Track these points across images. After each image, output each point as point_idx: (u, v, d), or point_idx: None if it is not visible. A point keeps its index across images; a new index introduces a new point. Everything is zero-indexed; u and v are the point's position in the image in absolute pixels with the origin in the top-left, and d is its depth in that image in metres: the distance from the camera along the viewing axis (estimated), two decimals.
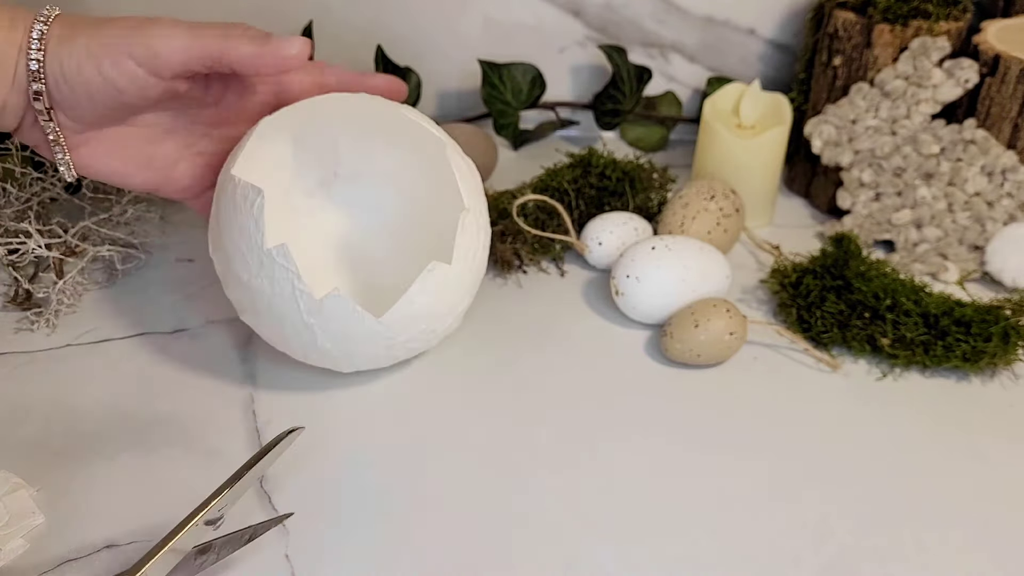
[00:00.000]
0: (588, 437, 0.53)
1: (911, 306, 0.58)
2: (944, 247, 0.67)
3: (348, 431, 0.53)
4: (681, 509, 0.49)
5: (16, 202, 0.64)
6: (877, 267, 0.61)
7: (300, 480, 0.49)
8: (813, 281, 0.60)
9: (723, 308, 0.57)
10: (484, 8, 0.78)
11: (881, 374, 0.58)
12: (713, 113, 0.70)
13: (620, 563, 0.46)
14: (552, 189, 0.68)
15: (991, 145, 0.65)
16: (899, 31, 0.66)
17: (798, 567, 0.46)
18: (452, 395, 0.55)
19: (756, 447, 0.52)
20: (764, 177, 0.69)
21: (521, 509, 0.48)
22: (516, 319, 0.61)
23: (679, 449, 0.52)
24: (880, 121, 0.68)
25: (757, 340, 0.60)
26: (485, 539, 0.47)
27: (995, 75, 0.65)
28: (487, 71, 0.78)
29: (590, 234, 0.65)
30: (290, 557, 0.45)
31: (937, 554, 0.47)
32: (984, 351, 0.56)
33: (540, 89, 0.79)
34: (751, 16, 0.78)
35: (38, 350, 0.57)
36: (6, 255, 0.61)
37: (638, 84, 0.79)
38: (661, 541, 0.47)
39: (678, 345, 0.57)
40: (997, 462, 0.52)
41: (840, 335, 0.59)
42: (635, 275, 0.59)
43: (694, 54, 0.80)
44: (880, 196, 0.68)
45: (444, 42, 0.79)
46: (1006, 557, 0.47)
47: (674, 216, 0.64)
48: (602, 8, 0.78)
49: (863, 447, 0.53)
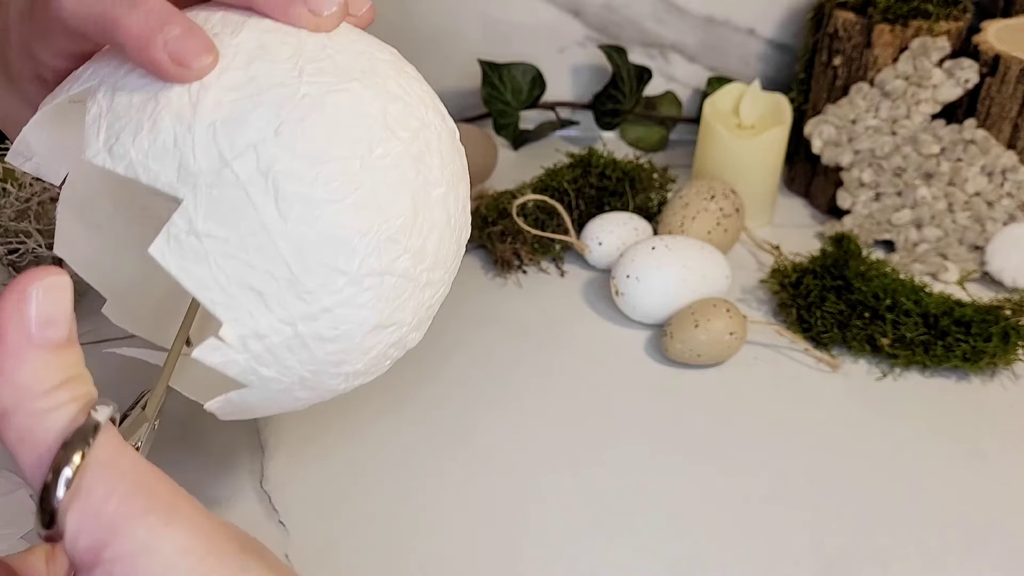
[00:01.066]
0: (588, 437, 0.53)
1: (911, 306, 0.58)
2: (944, 247, 0.67)
3: (348, 431, 0.53)
4: (681, 509, 0.49)
5: (16, 202, 0.64)
6: (877, 267, 0.61)
7: (300, 480, 0.49)
8: (813, 281, 0.60)
9: (723, 308, 0.57)
10: (484, 8, 0.78)
11: (881, 374, 0.58)
12: (713, 113, 0.70)
13: (620, 563, 0.46)
14: (552, 189, 0.68)
15: (991, 145, 0.65)
16: (899, 31, 0.66)
17: (798, 567, 0.46)
18: (452, 395, 0.55)
19: (756, 447, 0.52)
20: (764, 177, 0.69)
21: (521, 509, 0.48)
22: (516, 319, 0.61)
23: (678, 449, 0.52)
24: (880, 121, 0.68)
25: (757, 340, 0.60)
26: (485, 539, 0.47)
27: (995, 75, 0.65)
28: (487, 71, 0.78)
29: (590, 234, 0.65)
30: (290, 557, 0.45)
31: (937, 554, 0.47)
32: (984, 351, 0.56)
33: (540, 89, 0.79)
34: (751, 16, 0.78)
35: None
36: (6, 255, 0.61)
37: (638, 84, 0.79)
38: (661, 541, 0.47)
39: (678, 345, 0.57)
40: (997, 462, 0.52)
41: (840, 335, 0.59)
42: (635, 275, 0.59)
43: (694, 54, 0.80)
44: (880, 196, 0.68)
45: (444, 42, 0.79)
46: (1006, 557, 0.47)
47: (674, 216, 0.64)
48: (602, 8, 0.78)
49: (863, 447, 0.53)
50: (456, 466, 0.51)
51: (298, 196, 0.31)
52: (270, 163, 0.31)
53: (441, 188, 0.35)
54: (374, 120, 0.33)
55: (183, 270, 0.31)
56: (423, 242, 0.34)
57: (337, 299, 0.32)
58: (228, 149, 0.31)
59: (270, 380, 0.33)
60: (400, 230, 0.33)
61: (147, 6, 0.32)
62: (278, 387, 0.34)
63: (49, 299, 0.25)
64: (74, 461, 0.23)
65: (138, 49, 0.31)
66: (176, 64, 0.31)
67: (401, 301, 0.35)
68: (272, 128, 0.31)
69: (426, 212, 0.34)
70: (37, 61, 0.37)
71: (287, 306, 0.32)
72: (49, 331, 0.25)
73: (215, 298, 0.31)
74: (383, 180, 0.33)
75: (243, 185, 0.31)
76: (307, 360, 0.33)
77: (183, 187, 0.31)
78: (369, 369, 0.36)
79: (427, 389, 0.56)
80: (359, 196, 0.32)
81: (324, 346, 0.33)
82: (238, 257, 0.31)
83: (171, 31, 0.31)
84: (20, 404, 0.24)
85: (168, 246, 0.31)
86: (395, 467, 0.50)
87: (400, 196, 0.33)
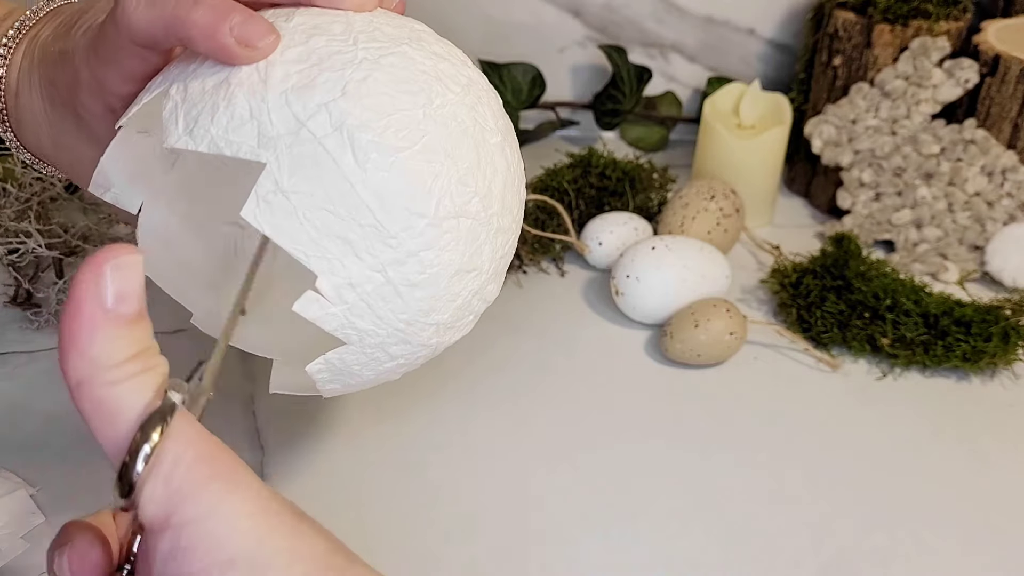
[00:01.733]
0: (588, 437, 0.53)
1: (911, 306, 0.58)
2: (944, 247, 0.67)
3: (348, 430, 0.53)
4: (681, 509, 0.49)
5: (16, 202, 0.63)
6: (877, 267, 0.61)
7: (300, 480, 0.49)
8: (813, 281, 0.60)
9: (723, 308, 0.57)
10: (484, 8, 0.78)
11: (881, 374, 0.58)
12: (713, 113, 0.70)
13: (620, 562, 0.46)
14: (552, 189, 0.68)
15: (991, 145, 0.65)
16: (899, 31, 0.66)
17: (798, 567, 0.46)
18: (452, 395, 0.55)
19: (756, 447, 0.52)
20: (764, 177, 0.69)
21: (521, 508, 0.48)
22: (516, 319, 0.61)
23: (679, 449, 0.52)
24: (880, 121, 0.68)
25: (757, 340, 0.60)
26: (485, 539, 0.47)
27: (995, 75, 0.65)
28: (487, 71, 0.78)
29: (590, 234, 0.65)
30: None
31: (937, 554, 0.47)
32: (984, 351, 0.56)
33: (540, 89, 0.79)
34: (751, 16, 0.78)
35: (38, 350, 0.57)
36: (6, 255, 0.61)
37: (638, 84, 0.79)
38: (661, 541, 0.47)
39: (678, 345, 0.57)
40: (997, 462, 0.52)
41: (840, 335, 0.59)
42: (635, 275, 0.59)
43: (694, 54, 0.80)
44: (880, 196, 0.68)
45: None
46: (1006, 557, 0.47)
47: (674, 216, 0.64)
48: (602, 8, 0.78)
49: (863, 447, 0.53)
50: (456, 465, 0.51)
51: (372, 145, 0.33)
52: (342, 118, 0.33)
53: (497, 136, 0.38)
54: (428, 75, 0.36)
55: (275, 227, 0.33)
56: (489, 186, 0.37)
57: (420, 242, 0.34)
58: (302, 111, 0.33)
59: (366, 333, 0.35)
60: (468, 173, 0.36)
61: (208, 1, 0.35)
62: (374, 341, 0.35)
63: (122, 276, 0.26)
64: (152, 439, 0.25)
65: (207, 38, 0.34)
66: (243, 46, 0.34)
67: (478, 244, 0.36)
68: (339, 88, 0.34)
69: (487, 157, 0.37)
70: (107, 91, 0.39)
71: (375, 252, 0.34)
72: (122, 306, 0.26)
73: (308, 251, 0.33)
74: (446, 127, 0.35)
75: (320, 141, 0.33)
76: (399, 308, 0.35)
77: (265, 152, 0.33)
78: (456, 321, 0.38)
79: (426, 389, 0.56)
80: (427, 142, 0.34)
81: (413, 292, 0.35)
82: (324, 208, 0.33)
83: (234, 18, 0.34)
84: (95, 375, 0.25)
85: (259, 207, 0.33)
86: (395, 467, 0.50)
87: (463, 142, 0.36)
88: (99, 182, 0.40)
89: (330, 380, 0.37)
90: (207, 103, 0.34)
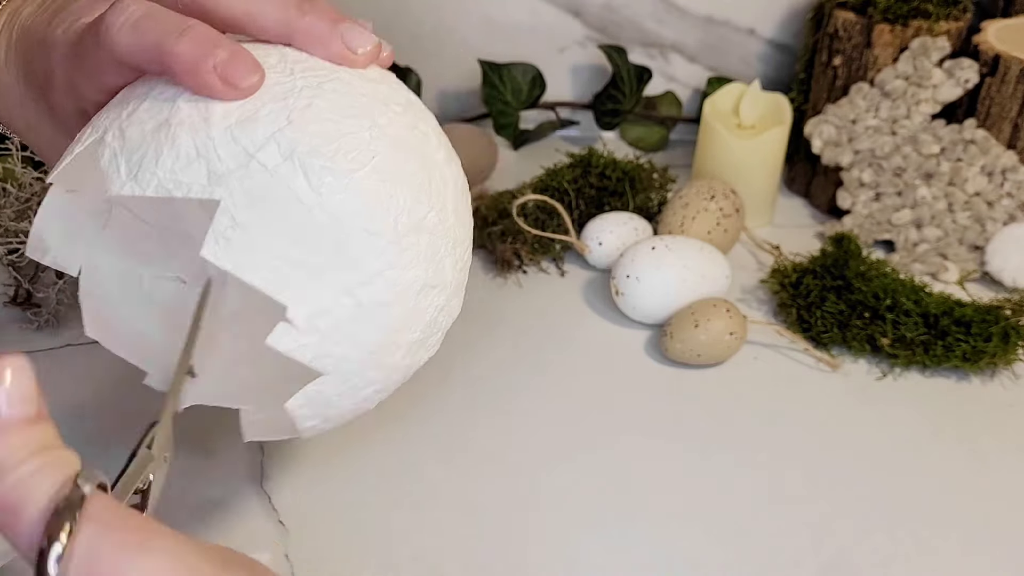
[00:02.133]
0: (588, 437, 0.53)
1: (911, 306, 0.58)
2: (944, 247, 0.67)
3: (348, 431, 0.53)
4: (681, 509, 0.49)
5: (16, 202, 0.63)
6: (877, 267, 0.61)
7: (300, 480, 0.49)
8: (813, 281, 0.60)
9: (723, 308, 0.57)
10: (484, 8, 0.78)
11: (881, 374, 0.58)
12: (713, 113, 0.70)
13: (620, 562, 0.46)
14: (552, 189, 0.68)
15: (991, 145, 0.65)
16: (899, 31, 0.66)
17: (798, 567, 0.46)
18: (452, 394, 0.55)
19: (756, 447, 0.52)
20: (764, 177, 0.69)
21: (521, 508, 0.48)
22: (516, 319, 0.61)
23: (679, 449, 0.52)
24: (880, 121, 0.68)
25: (757, 340, 0.60)
26: (485, 539, 0.47)
27: (995, 75, 0.65)
28: (487, 71, 0.78)
29: (590, 234, 0.65)
30: (290, 557, 0.45)
31: (937, 554, 0.47)
32: (984, 351, 0.56)
33: (540, 89, 0.79)
34: (751, 16, 0.78)
35: (38, 350, 0.57)
36: (6, 255, 0.61)
37: (638, 84, 0.79)
38: (661, 541, 0.47)
39: (678, 345, 0.57)
40: (997, 462, 0.52)
41: (840, 335, 0.59)
42: (635, 275, 0.59)
43: (694, 54, 0.80)
44: (880, 196, 0.68)
45: (444, 42, 0.79)
46: (1006, 557, 0.47)
47: (674, 216, 0.64)
48: (602, 8, 0.78)
49: (863, 447, 0.53)
50: (456, 466, 0.51)
51: (325, 169, 0.33)
52: (292, 146, 0.33)
53: (442, 152, 0.38)
54: (368, 98, 0.36)
55: (237, 263, 0.32)
56: (443, 200, 0.37)
57: (383, 261, 0.34)
58: (250, 144, 0.33)
59: (342, 359, 0.34)
60: (420, 189, 0.36)
61: (195, 33, 0.34)
62: (349, 367, 0.35)
63: (18, 379, 0.26)
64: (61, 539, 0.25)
65: (190, 73, 0.34)
66: (226, 84, 0.34)
67: (439, 258, 0.37)
68: (284, 117, 0.34)
69: (436, 172, 0.37)
70: (81, 97, 0.39)
71: (341, 276, 0.33)
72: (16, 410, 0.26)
73: (274, 283, 0.33)
74: (393, 146, 0.36)
75: (272, 171, 0.33)
76: (371, 330, 0.35)
77: (217, 188, 0.32)
78: (426, 339, 0.38)
79: (426, 389, 0.56)
80: (377, 162, 0.35)
81: (383, 311, 0.35)
82: (284, 236, 0.33)
83: (219, 55, 0.33)
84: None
85: (218, 245, 0.32)
86: (395, 467, 0.50)
87: (411, 159, 0.36)
88: (35, 246, 0.39)
89: (310, 416, 0.36)
90: (149, 146, 0.33)
